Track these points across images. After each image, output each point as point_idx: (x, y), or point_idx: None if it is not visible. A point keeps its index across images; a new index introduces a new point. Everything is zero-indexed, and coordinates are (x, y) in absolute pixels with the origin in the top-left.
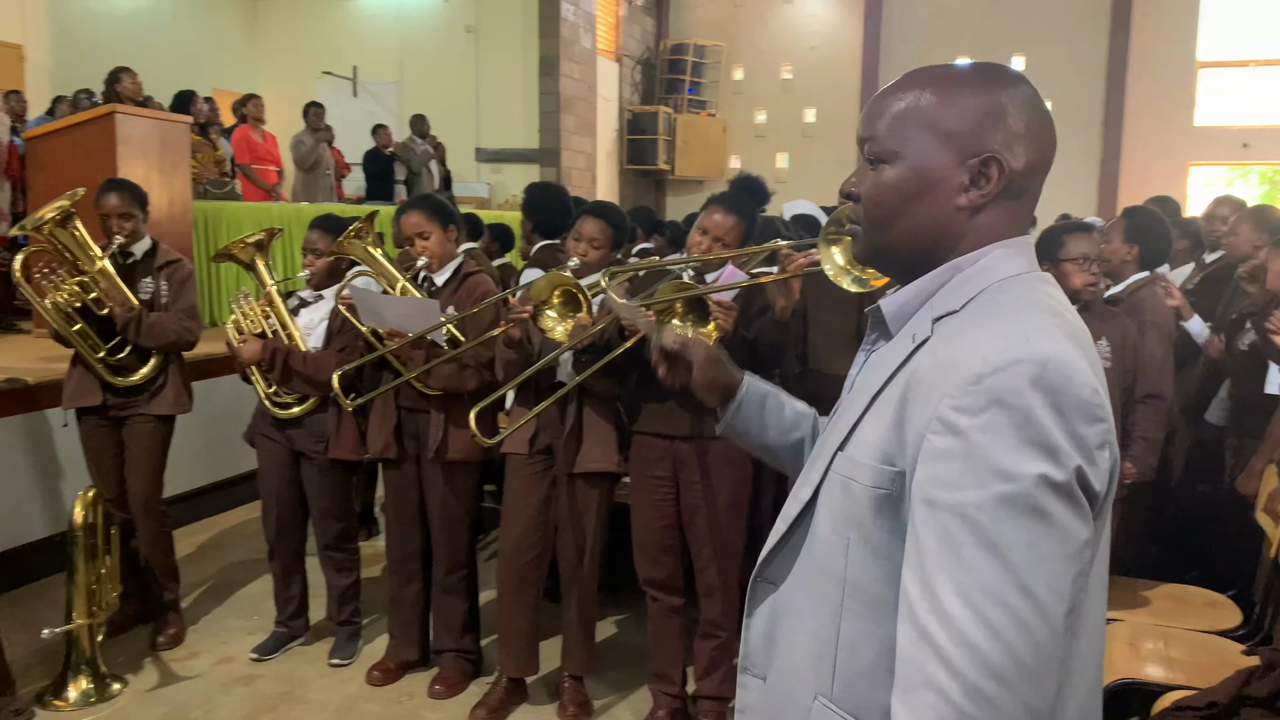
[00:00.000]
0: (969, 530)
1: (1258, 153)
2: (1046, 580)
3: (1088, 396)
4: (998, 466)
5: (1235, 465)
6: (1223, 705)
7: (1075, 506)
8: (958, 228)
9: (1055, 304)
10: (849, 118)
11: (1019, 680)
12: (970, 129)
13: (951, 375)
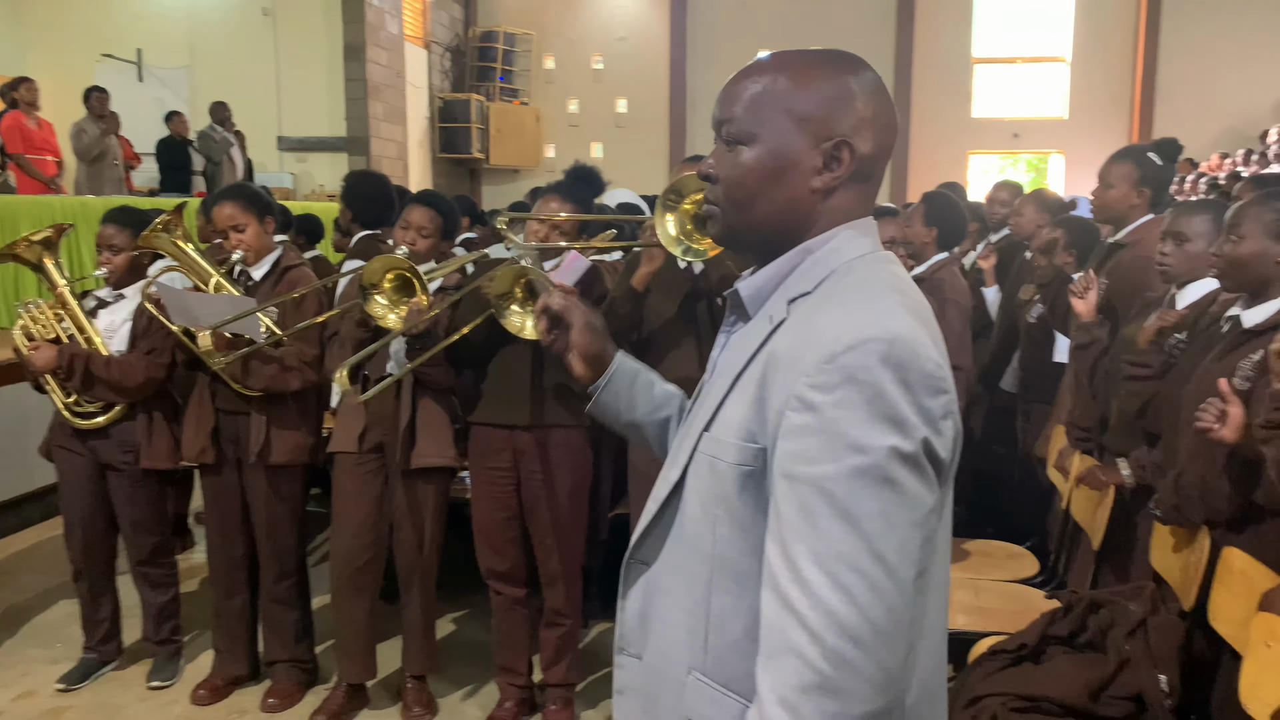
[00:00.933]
0: (825, 501)
1: (1026, 142)
2: (897, 546)
3: (932, 370)
4: (851, 440)
5: (1026, 428)
6: (1031, 646)
7: (923, 475)
8: (812, 209)
9: (900, 282)
10: (659, 108)
11: (874, 642)
12: (824, 113)
13: (807, 354)
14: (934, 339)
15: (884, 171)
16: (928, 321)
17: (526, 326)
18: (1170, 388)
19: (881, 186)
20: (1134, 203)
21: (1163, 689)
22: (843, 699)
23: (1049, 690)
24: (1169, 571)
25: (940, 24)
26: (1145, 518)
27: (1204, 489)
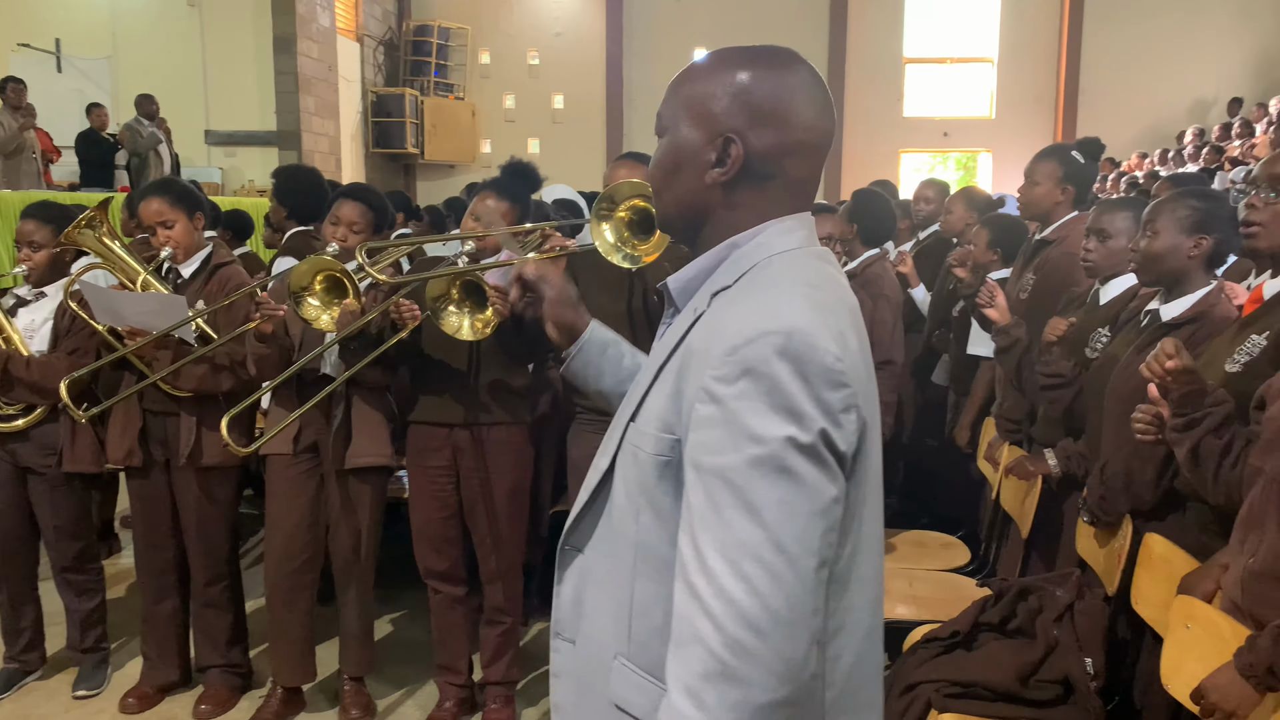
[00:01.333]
0: (728, 491)
1: (955, 141)
2: (797, 536)
3: (830, 364)
4: (750, 431)
5: (954, 420)
6: (964, 633)
7: (822, 466)
8: (711, 203)
9: (819, 277)
10: (596, 104)
11: (774, 631)
12: (717, 109)
13: (714, 347)
14: (840, 334)
15: (805, 171)
16: (841, 316)
17: (464, 327)
18: (1094, 380)
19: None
20: (1059, 200)
21: (1088, 671)
22: (744, 687)
23: (981, 676)
24: (1094, 558)
25: (872, 24)
26: (1071, 506)
27: (1128, 479)
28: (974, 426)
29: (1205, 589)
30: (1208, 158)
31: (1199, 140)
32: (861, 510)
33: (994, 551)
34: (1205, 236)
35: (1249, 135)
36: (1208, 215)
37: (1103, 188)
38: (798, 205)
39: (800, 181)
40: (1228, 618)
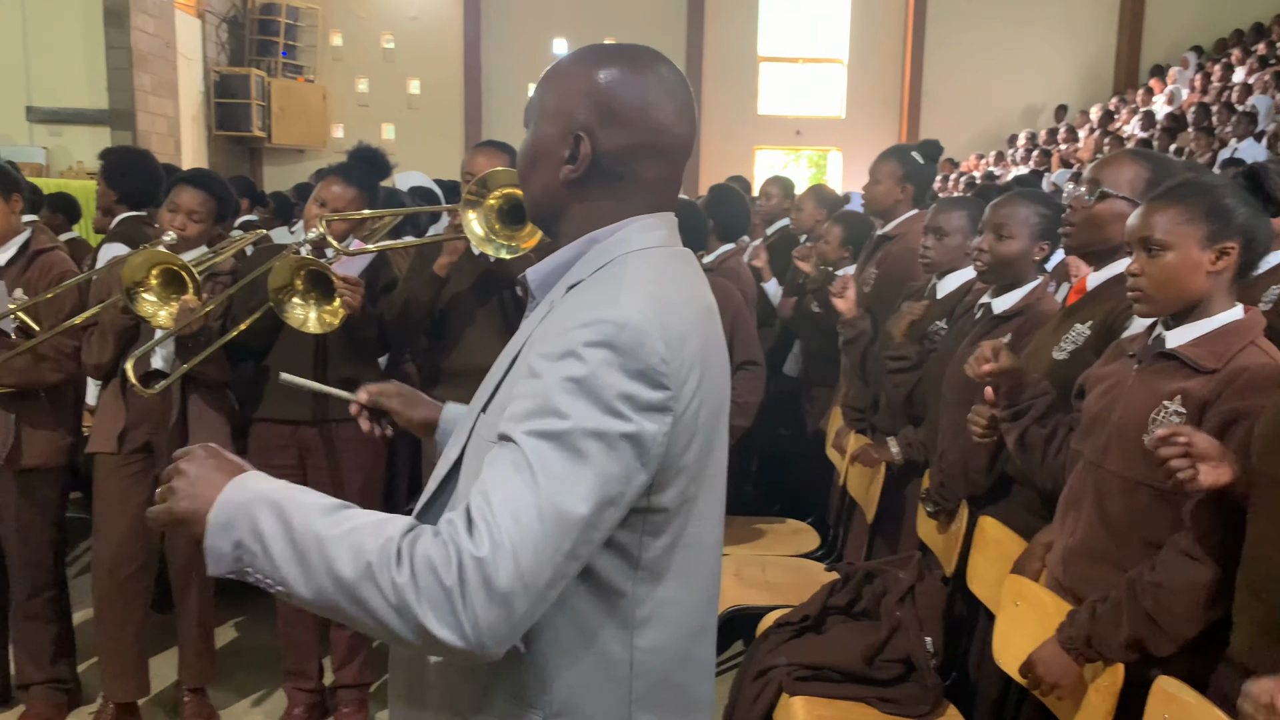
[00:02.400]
0: (519, 456)
1: (808, 139)
2: (556, 513)
3: (654, 364)
4: (554, 407)
5: (811, 411)
6: (813, 617)
7: (616, 457)
8: (565, 199)
9: (672, 276)
10: (453, 90)
11: (517, 591)
12: (571, 106)
13: (550, 331)
14: (679, 336)
15: (660, 170)
16: (686, 319)
17: (310, 319)
18: (932, 371)
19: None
20: (899, 198)
21: (928, 650)
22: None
23: (829, 658)
24: (933, 540)
25: (729, 22)
26: (913, 491)
27: (965, 465)
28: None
29: (1032, 568)
30: (1037, 160)
31: (1030, 143)
32: (687, 509)
33: (842, 536)
34: (1049, 242)
35: (1073, 139)
36: (1052, 222)
37: (943, 187)
38: (655, 205)
39: (653, 183)
40: (1052, 594)
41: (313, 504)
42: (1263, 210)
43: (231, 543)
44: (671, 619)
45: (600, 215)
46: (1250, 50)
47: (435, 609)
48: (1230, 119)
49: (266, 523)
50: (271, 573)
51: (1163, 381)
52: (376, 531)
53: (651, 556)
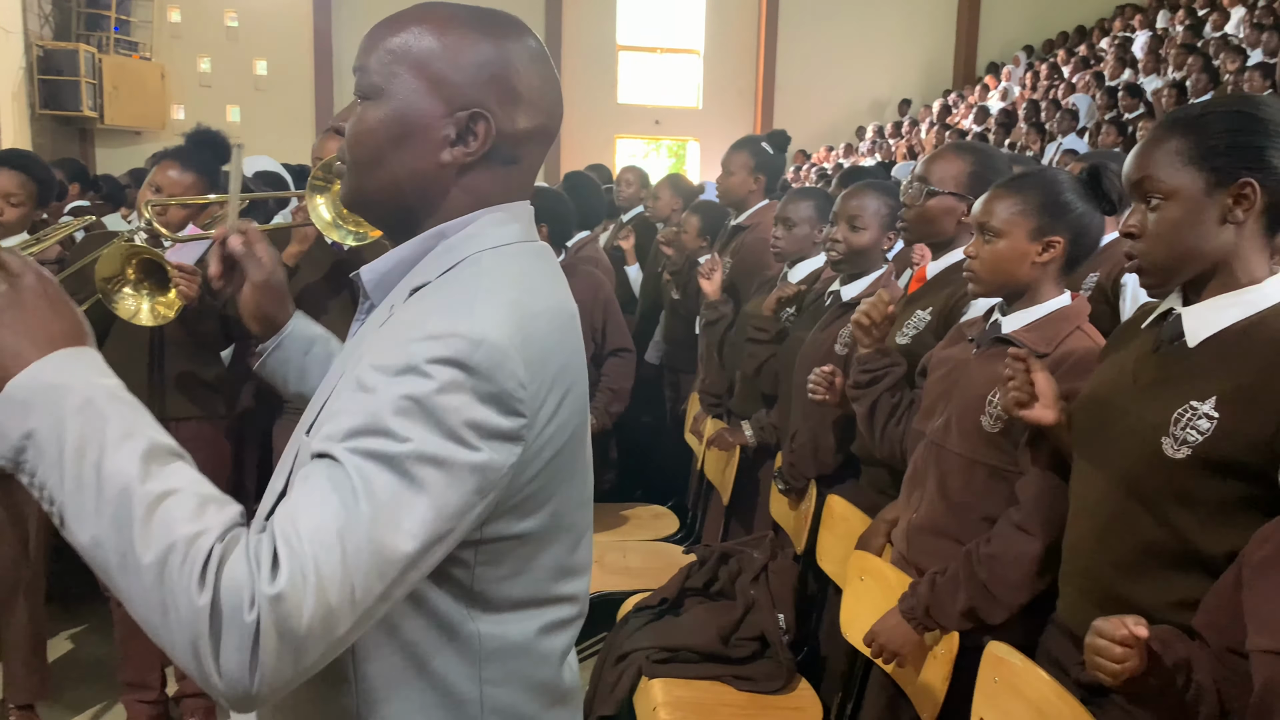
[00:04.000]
0: (338, 475)
1: (667, 129)
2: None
3: (511, 389)
4: (387, 426)
5: (673, 397)
6: (671, 599)
7: (453, 487)
8: (440, 185)
9: (534, 280)
10: (303, 71)
11: (319, 621)
12: (465, 79)
13: (387, 339)
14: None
15: (541, 157)
16: (549, 332)
17: (142, 311)
18: (784, 355)
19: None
20: (751, 188)
21: (781, 626)
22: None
23: (687, 639)
24: (785, 520)
25: (587, 9)
26: (766, 473)
27: (814, 446)
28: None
29: (877, 544)
30: (883, 152)
31: (877, 136)
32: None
33: (700, 519)
34: (895, 232)
35: (916, 132)
36: (897, 213)
37: (795, 177)
38: (525, 192)
39: (534, 168)
40: (895, 569)
41: (138, 435)
42: (1096, 208)
43: (21, 432)
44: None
45: (463, 205)
46: (1074, 52)
47: (224, 648)
48: (1057, 115)
49: (73, 430)
50: (52, 489)
51: (999, 365)
52: (194, 513)
53: (494, 589)
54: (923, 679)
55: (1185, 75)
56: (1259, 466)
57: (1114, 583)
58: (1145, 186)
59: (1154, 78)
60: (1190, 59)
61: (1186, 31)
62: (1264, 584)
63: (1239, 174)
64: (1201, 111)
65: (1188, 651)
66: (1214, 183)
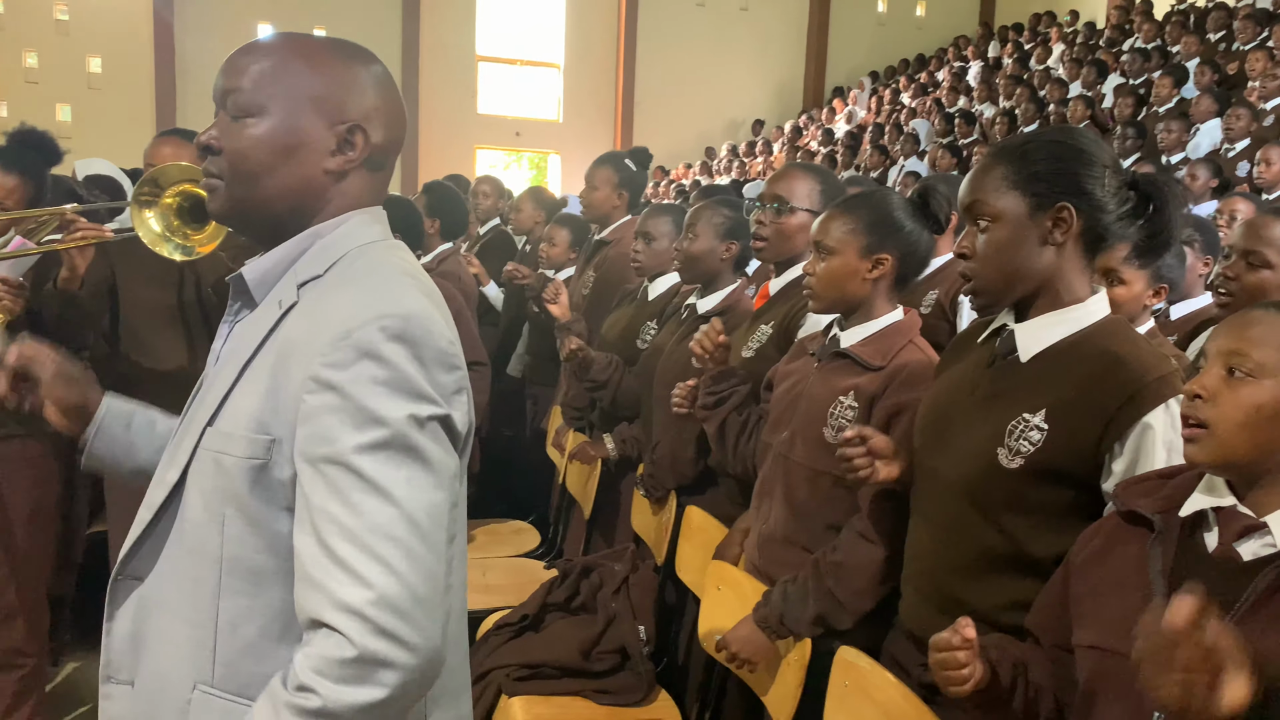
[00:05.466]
0: (352, 476)
1: (528, 141)
2: (428, 511)
3: (445, 347)
4: (371, 413)
5: (535, 410)
6: (532, 615)
7: (442, 443)
8: (324, 191)
9: (410, 267)
10: (143, 70)
11: (415, 609)
12: (339, 97)
13: (321, 335)
14: (446, 321)
15: (394, 164)
16: (440, 305)
17: None
18: (645, 368)
19: (394, 176)
20: (615, 204)
21: (642, 638)
22: (387, 671)
23: (548, 655)
24: (646, 531)
25: (446, 19)
26: (628, 485)
27: (674, 458)
28: None
29: (732, 553)
30: (738, 170)
31: (731, 155)
32: (459, 503)
33: (562, 533)
34: (735, 242)
35: (769, 153)
36: (736, 223)
37: (655, 193)
38: (382, 198)
39: (389, 176)
40: (750, 578)
41: None
42: (925, 227)
43: None
44: (457, 606)
45: (335, 209)
46: (914, 79)
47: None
48: (899, 139)
49: None
50: None
51: (838, 378)
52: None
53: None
54: (777, 686)
55: (1015, 104)
56: (1085, 474)
57: (953, 587)
58: (975, 210)
59: (987, 105)
60: (1018, 89)
61: (1015, 64)
62: (1086, 583)
63: (1057, 199)
64: (1025, 141)
65: (1022, 654)
66: (1035, 207)
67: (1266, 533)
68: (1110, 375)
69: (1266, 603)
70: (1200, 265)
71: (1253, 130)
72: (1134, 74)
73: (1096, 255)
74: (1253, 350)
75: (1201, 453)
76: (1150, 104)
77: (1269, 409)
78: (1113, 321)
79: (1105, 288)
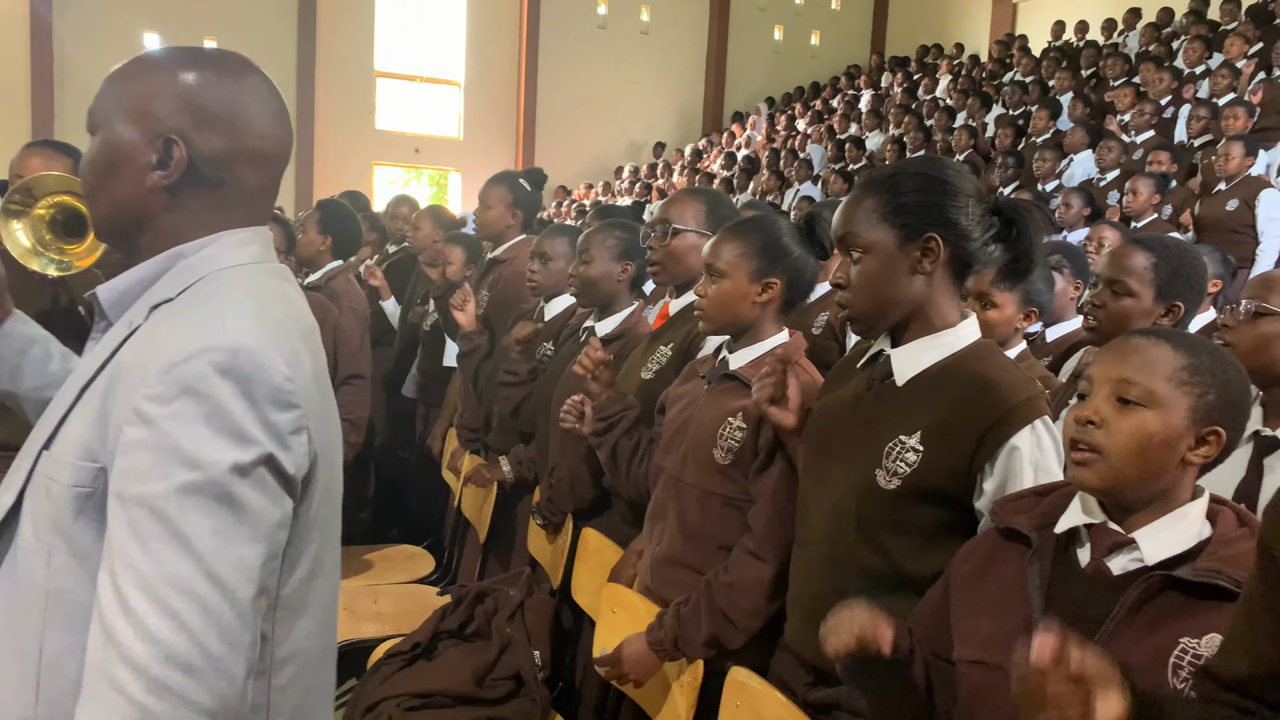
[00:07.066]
0: (156, 522)
1: (427, 158)
2: (234, 565)
3: (279, 384)
4: (186, 455)
5: (425, 431)
6: (424, 643)
7: (266, 491)
8: (151, 208)
9: (271, 294)
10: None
11: (206, 668)
12: (158, 108)
13: (149, 364)
14: (293, 353)
15: (265, 178)
16: (294, 336)
17: None
18: (541, 390)
19: (289, 192)
20: (509, 223)
21: (537, 663)
22: None
23: (440, 684)
24: (542, 555)
25: (343, 34)
26: (524, 508)
27: (571, 479)
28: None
29: (627, 575)
30: (639, 192)
31: (633, 176)
32: (314, 534)
33: (457, 558)
34: (630, 263)
35: (669, 175)
36: (630, 244)
37: (557, 213)
38: (253, 215)
39: (255, 191)
40: (644, 600)
41: None
42: (811, 252)
43: None
44: (304, 653)
45: (197, 226)
46: (809, 105)
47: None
48: (794, 164)
49: None
50: None
51: (727, 400)
52: None
53: (289, 592)
54: (669, 708)
55: (903, 132)
56: (959, 494)
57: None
58: (848, 241)
59: (876, 133)
60: (906, 118)
61: (904, 94)
62: (966, 600)
63: (925, 230)
64: (892, 173)
65: (912, 646)
66: (904, 238)
67: (1135, 548)
68: (979, 398)
69: (1135, 616)
70: (1072, 289)
71: (1122, 162)
72: (1014, 105)
73: (965, 280)
74: (1142, 379)
75: (1094, 477)
76: (1029, 134)
77: (1158, 437)
78: (982, 345)
79: (978, 311)
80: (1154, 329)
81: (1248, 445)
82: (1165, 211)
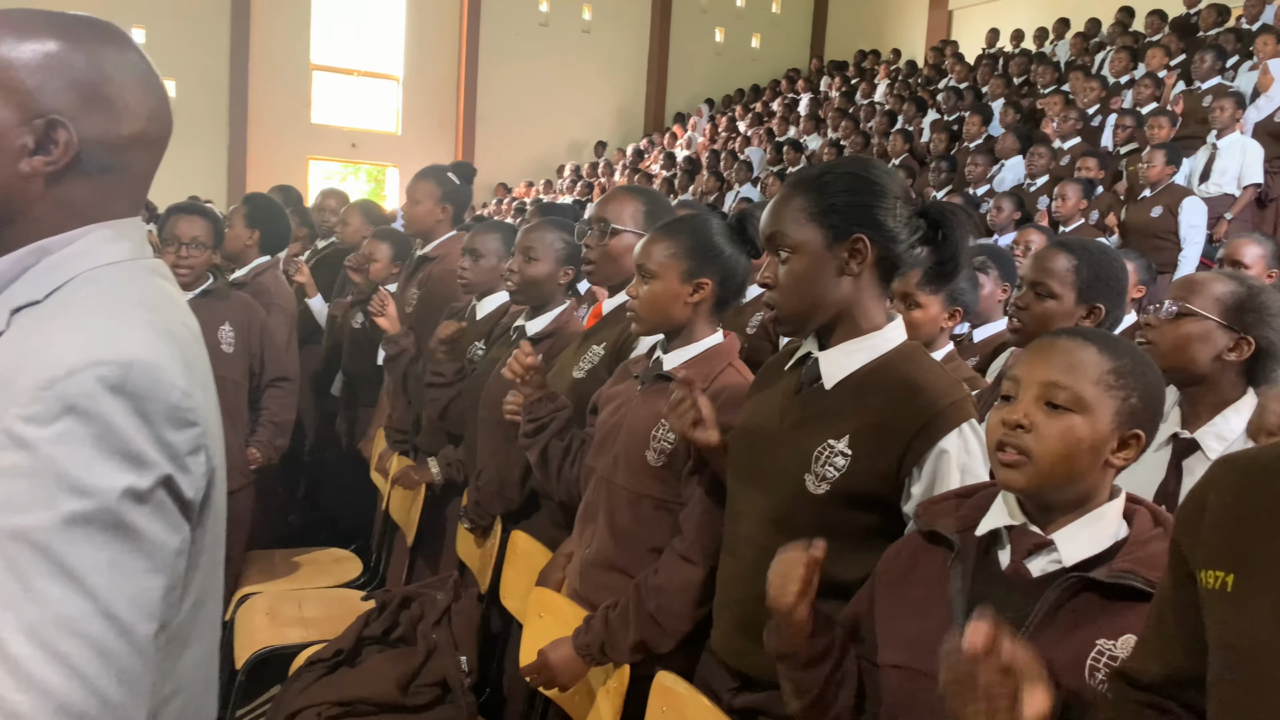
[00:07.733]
0: (39, 557)
1: (364, 153)
2: (131, 601)
3: (176, 400)
4: (73, 482)
5: (353, 432)
6: (348, 649)
7: (165, 517)
8: (25, 197)
9: (157, 297)
10: None
11: (103, 716)
12: (35, 85)
13: (22, 379)
14: (190, 364)
15: (147, 167)
16: (185, 343)
17: None
18: (471, 390)
19: (221, 186)
20: (439, 218)
21: (463, 669)
22: None
23: (363, 691)
24: (471, 558)
25: (278, 25)
26: (453, 511)
27: (500, 482)
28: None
29: (555, 579)
30: (580, 191)
31: (575, 175)
32: (202, 559)
33: (384, 562)
34: (573, 269)
35: (610, 174)
36: (574, 248)
37: (497, 210)
38: (134, 204)
39: (143, 178)
40: (572, 604)
41: None
42: (742, 252)
43: None
44: (188, 683)
45: (76, 218)
46: (749, 108)
47: None
48: (734, 165)
49: None
50: None
51: (661, 401)
52: None
53: (179, 621)
54: (595, 713)
55: (842, 136)
56: (887, 498)
57: (763, 613)
58: (776, 241)
59: (815, 136)
60: (844, 122)
61: (842, 97)
62: (890, 603)
63: (852, 230)
64: (821, 173)
65: (843, 637)
66: (832, 239)
67: (1053, 549)
68: (907, 402)
69: (1053, 618)
70: (999, 291)
71: (1051, 168)
72: (948, 111)
73: (891, 282)
74: (1070, 383)
75: (1021, 479)
76: (961, 139)
77: (1086, 441)
78: (909, 347)
79: (903, 312)
80: (1077, 329)
81: (1167, 447)
82: (1093, 216)
